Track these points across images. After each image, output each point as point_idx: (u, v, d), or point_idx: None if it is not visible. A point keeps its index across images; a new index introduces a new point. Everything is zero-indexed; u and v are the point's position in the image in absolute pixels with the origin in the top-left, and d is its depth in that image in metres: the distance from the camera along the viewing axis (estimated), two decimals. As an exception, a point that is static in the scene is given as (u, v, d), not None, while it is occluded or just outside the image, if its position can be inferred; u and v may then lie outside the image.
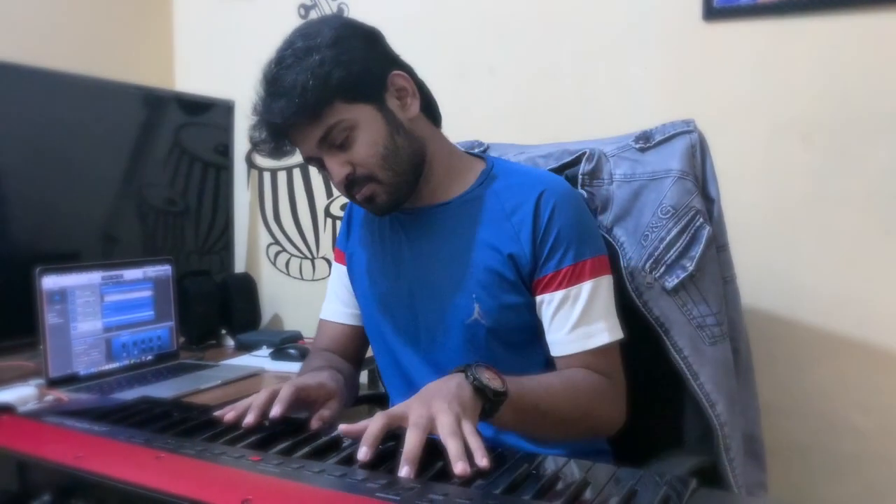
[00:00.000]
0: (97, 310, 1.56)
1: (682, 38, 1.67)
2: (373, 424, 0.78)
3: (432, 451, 0.77)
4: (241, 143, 2.17)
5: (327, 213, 2.12)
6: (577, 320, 1.06)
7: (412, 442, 0.75)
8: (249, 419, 0.90)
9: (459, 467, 0.72)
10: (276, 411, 0.92)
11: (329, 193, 2.11)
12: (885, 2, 1.48)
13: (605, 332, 1.07)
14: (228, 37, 2.20)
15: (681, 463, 1.08)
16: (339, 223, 2.10)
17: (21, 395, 1.34)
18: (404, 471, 0.72)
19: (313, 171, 2.11)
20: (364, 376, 1.89)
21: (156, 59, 2.26)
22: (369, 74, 1.06)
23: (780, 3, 1.57)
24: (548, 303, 1.08)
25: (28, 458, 0.80)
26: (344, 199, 2.08)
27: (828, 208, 1.56)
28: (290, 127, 1.05)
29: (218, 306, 1.98)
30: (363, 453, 0.76)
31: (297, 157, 1.12)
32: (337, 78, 1.02)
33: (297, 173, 2.14)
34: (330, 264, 2.12)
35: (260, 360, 1.76)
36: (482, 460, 0.74)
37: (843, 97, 1.54)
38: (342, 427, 0.83)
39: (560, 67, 1.80)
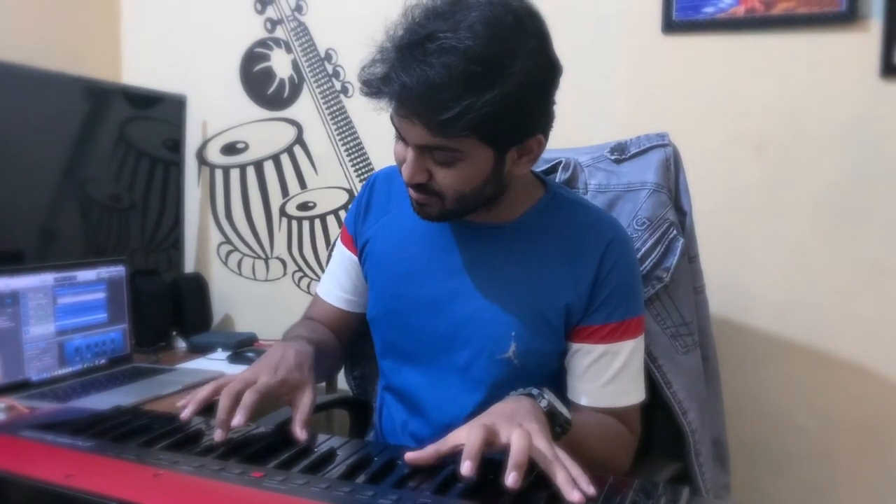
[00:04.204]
0: (49, 313, 1.49)
1: (642, 50, 1.71)
2: (472, 438, 0.77)
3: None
4: (192, 139, 2.11)
5: (282, 213, 2.07)
6: (612, 376, 1.04)
7: (520, 446, 0.75)
8: (219, 435, 0.89)
9: (577, 496, 0.72)
10: (238, 420, 0.90)
11: (285, 193, 2.07)
12: (833, 23, 1.55)
13: (635, 392, 1.07)
14: (179, 28, 2.12)
15: (658, 471, 1.11)
16: (294, 223, 2.07)
17: (-30, 403, 1.28)
18: (511, 477, 0.73)
19: (268, 170, 2.06)
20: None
21: (101, 50, 2.16)
22: (519, 132, 0.96)
23: (736, 20, 1.63)
24: (586, 353, 1.05)
25: (9, 476, 0.77)
26: (302, 199, 2.06)
27: (777, 218, 1.63)
28: (406, 113, 0.92)
29: (169, 307, 1.92)
30: (467, 468, 0.74)
31: (250, 156, 1.02)
32: (493, 125, 0.90)
33: (250, 171, 2.08)
34: (285, 265, 2.10)
35: (217, 363, 1.72)
36: (589, 487, 0.74)
37: (793, 113, 1.61)
38: (408, 455, 0.80)
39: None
